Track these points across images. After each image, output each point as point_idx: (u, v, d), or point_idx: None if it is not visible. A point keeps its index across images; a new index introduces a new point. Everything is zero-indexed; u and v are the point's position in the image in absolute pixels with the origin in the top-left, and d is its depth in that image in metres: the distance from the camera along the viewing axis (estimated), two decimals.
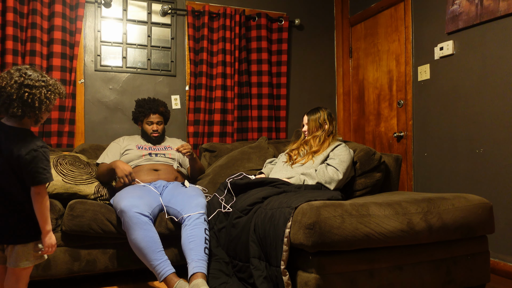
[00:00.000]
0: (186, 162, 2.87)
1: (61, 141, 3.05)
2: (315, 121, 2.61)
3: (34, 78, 1.48)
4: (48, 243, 1.53)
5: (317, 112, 2.63)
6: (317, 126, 2.60)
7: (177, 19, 3.49)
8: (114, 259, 2.30)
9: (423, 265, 1.89)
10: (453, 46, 2.84)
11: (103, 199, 2.45)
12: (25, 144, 1.47)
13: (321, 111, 2.63)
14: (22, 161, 1.45)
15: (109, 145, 2.78)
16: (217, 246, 2.18)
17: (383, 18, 3.56)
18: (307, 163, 2.45)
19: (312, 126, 2.62)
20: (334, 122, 2.67)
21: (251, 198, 2.08)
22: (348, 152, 2.45)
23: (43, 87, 1.50)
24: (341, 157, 2.39)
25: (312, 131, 2.61)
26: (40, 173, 1.47)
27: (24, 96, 1.45)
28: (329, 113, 2.64)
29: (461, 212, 1.93)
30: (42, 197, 1.49)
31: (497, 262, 2.51)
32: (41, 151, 1.48)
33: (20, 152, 1.45)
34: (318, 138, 2.57)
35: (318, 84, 3.97)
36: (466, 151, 2.75)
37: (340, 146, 2.47)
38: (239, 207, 2.07)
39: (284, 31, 3.72)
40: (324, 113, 2.62)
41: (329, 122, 2.61)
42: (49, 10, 3.03)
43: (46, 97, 1.50)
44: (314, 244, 1.65)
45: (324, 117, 2.61)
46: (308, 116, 2.65)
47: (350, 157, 2.43)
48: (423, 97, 3.12)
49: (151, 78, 3.40)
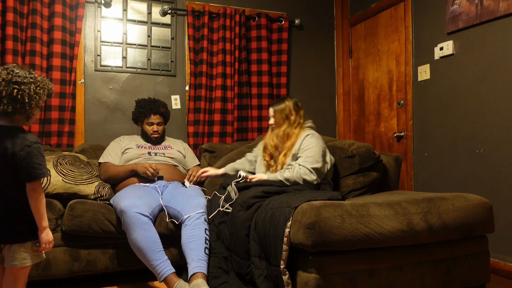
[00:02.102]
0: (186, 164, 2.87)
1: (61, 141, 3.05)
2: (280, 112, 2.47)
3: (22, 75, 1.49)
4: (45, 239, 1.53)
5: (282, 103, 2.49)
6: (283, 118, 2.47)
7: (177, 19, 3.49)
8: (114, 259, 2.30)
9: (423, 265, 1.89)
10: (453, 46, 2.84)
11: (103, 199, 2.45)
12: (18, 141, 1.47)
13: (287, 101, 2.49)
14: (17, 158, 1.45)
15: (109, 145, 2.78)
16: (217, 240, 2.18)
17: (383, 18, 3.56)
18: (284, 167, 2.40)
19: (278, 119, 2.48)
20: (301, 111, 2.51)
21: (252, 191, 2.08)
22: (316, 141, 2.34)
23: (32, 83, 1.50)
24: (308, 151, 2.30)
25: (279, 124, 2.48)
26: (35, 168, 1.47)
27: (14, 93, 1.46)
28: (295, 102, 2.51)
29: (461, 212, 1.93)
30: (38, 194, 1.50)
31: (497, 262, 2.51)
32: (35, 146, 1.49)
33: (14, 149, 1.46)
34: (285, 135, 2.43)
35: (318, 84, 3.97)
36: (466, 151, 2.75)
37: (307, 138, 2.36)
38: (240, 201, 2.07)
39: (284, 31, 3.72)
40: (290, 103, 2.48)
41: (295, 112, 2.47)
42: (49, 10, 3.03)
43: (36, 93, 1.51)
44: (314, 244, 1.65)
45: (290, 107, 2.47)
46: (274, 108, 2.51)
47: (319, 147, 2.32)
48: (423, 97, 3.12)
49: (151, 78, 3.41)
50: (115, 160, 2.66)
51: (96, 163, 2.70)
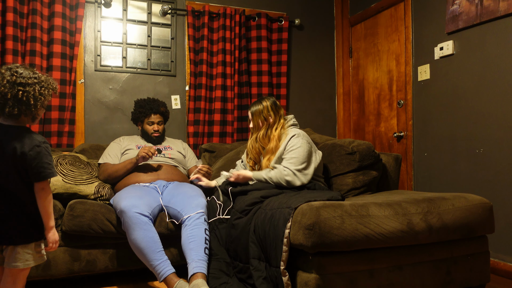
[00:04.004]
0: (186, 164, 2.87)
1: (61, 141, 3.05)
2: (259, 115, 2.38)
3: (26, 76, 1.48)
4: (52, 239, 1.54)
5: (259, 105, 2.39)
6: (262, 120, 2.37)
7: (177, 19, 3.49)
8: (114, 259, 2.30)
9: (423, 265, 1.89)
10: (453, 46, 2.84)
11: (103, 199, 2.45)
12: (27, 141, 1.48)
13: (264, 101, 2.40)
14: (26, 158, 1.46)
15: (109, 145, 2.78)
16: (219, 244, 2.17)
17: (383, 18, 3.56)
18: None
19: (256, 122, 2.39)
20: (281, 110, 2.42)
21: (250, 197, 2.08)
22: (301, 141, 2.24)
23: (36, 84, 1.50)
24: (292, 153, 2.21)
25: (258, 126, 2.39)
26: (45, 168, 1.48)
27: (19, 95, 1.45)
28: (273, 102, 2.41)
29: (461, 212, 1.93)
30: (47, 193, 1.51)
31: (497, 262, 2.51)
32: (43, 146, 1.50)
33: (24, 149, 1.46)
34: (266, 138, 2.34)
35: (318, 84, 3.97)
36: (466, 151, 2.75)
37: (292, 139, 2.26)
38: (238, 208, 2.07)
39: (284, 31, 3.72)
40: (267, 104, 2.38)
41: (274, 113, 2.37)
42: (49, 10, 3.03)
43: (40, 93, 1.50)
44: (313, 244, 1.65)
45: (268, 108, 2.37)
46: (251, 111, 2.42)
47: (303, 147, 2.22)
48: (423, 97, 3.12)
49: (151, 78, 3.40)
50: (115, 161, 2.66)
51: (96, 163, 2.70)
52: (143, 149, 2.50)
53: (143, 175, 2.55)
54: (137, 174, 2.55)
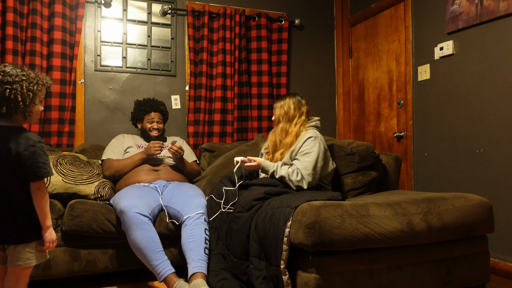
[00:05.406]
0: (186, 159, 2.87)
1: (61, 141, 3.05)
2: (280, 108, 2.45)
3: (13, 74, 1.48)
4: (49, 238, 1.53)
5: (283, 99, 2.46)
6: (282, 114, 2.43)
7: (177, 19, 3.49)
8: (114, 259, 2.30)
9: (423, 265, 1.89)
10: (453, 46, 2.84)
11: (103, 199, 2.45)
12: (22, 141, 1.47)
13: (288, 97, 2.46)
14: (21, 158, 1.46)
15: (110, 142, 2.79)
16: (217, 239, 2.18)
17: (383, 18, 3.56)
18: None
19: (277, 115, 2.45)
20: (304, 108, 2.45)
21: (254, 193, 2.08)
22: (317, 146, 2.24)
23: (24, 80, 1.49)
24: (306, 156, 2.22)
25: (279, 120, 2.45)
26: (40, 167, 1.47)
27: (6, 93, 1.45)
28: (298, 99, 2.45)
29: (461, 212, 1.93)
30: (42, 193, 1.50)
31: (497, 262, 2.51)
32: (38, 146, 1.49)
33: (19, 149, 1.46)
34: (284, 132, 2.38)
35: (318, 84, 3.97)
36: (466, 151, 2.75)
37: (309, 140, 2.26)
38: (241, 203, 2.07)
39: (284, 31, 3.72)
40: (291, 100, 2.44)
41: (295, 109, 2.41)
42: (49, 10, 3.03)
43: (29, 90, 1.49)
44: (313, 243, 1.65)
45: (289, 103, 2.42)
46: (275, 104, 2.50)
47: (316, 153, 2.22)
48: (423, 97, 3.12)
49: (151, 78, 3.41)
50: (118, 156, 2.67)
51: (96, 163, 2.70)
52: (153, 146, 2.55)
53: (143, 175, 2.55)
54: (137, 174, 2.55)
